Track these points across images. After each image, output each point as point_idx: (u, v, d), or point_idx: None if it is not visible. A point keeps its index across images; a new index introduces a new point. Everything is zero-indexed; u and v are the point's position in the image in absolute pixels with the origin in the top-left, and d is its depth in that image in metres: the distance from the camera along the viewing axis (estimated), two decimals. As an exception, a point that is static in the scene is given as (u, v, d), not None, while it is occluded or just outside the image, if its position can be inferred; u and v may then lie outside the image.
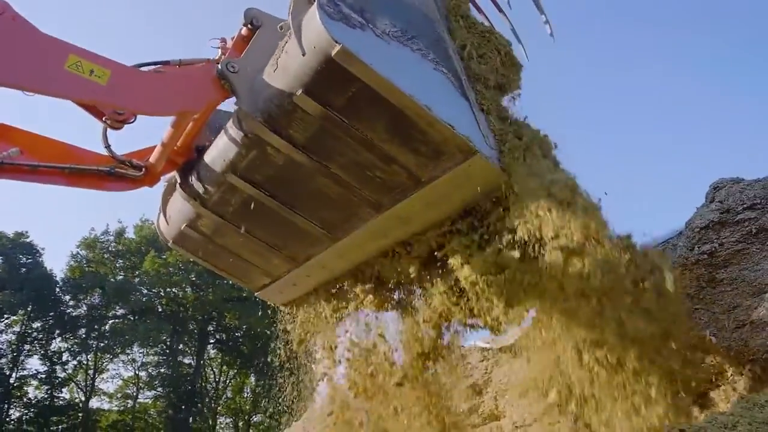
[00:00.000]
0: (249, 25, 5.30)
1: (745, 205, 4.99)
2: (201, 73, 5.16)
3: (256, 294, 7.42)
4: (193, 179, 5.84)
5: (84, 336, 42.79)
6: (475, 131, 4.54)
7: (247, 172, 5.41)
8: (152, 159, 5.62)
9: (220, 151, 5.48)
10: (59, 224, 71.27)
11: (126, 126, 5.21)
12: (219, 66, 4.97)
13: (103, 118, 5.07)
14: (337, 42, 3.94)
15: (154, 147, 5.67)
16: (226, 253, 6.70)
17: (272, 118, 4.82)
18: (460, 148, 4.42)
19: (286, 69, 4.51)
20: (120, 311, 43.29)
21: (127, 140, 5.68)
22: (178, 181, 5.98)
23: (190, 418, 39.20)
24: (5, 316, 40.38)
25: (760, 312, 4.48)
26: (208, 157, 5.57)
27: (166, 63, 5.23)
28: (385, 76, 4.13)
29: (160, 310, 41.34)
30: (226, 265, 7.03)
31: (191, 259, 7.41)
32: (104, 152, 5.48)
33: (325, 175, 5.06)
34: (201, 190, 5.84)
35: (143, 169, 5.59)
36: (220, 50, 5.49)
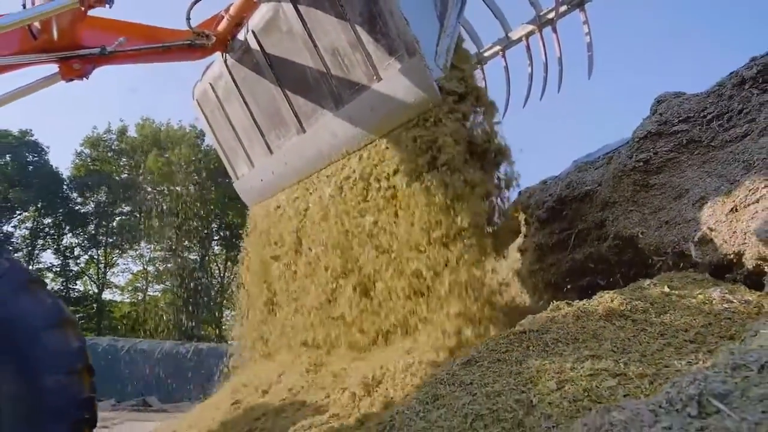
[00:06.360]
0: None
1: (680, 118, 5.46)
2: None
3: (234, 185, 8.33)
4: (229, 41, 6.74)
5: (93, 232, 44.30)
6: (431, 45, 4.97)
7: (262, 34, 6.26)
8: (220, 28, 6.42)
9: (253, 15, 6.30)
10: (59, 123, 71.10)
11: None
12: None
13: None
14: None
15: (217, 16, 6.44)
16: (228, 127, 7.63)
17: None
18: (407, 46, 4.85)
19: None
20: (126, 208, 44.55)
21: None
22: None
23: (198, 311, 41.28)
24: (17, 212, 41.72)
25: (674, 213, 5.10)
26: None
27: None
28: None
29: (164, 207, 42.40)
30: (225, 138, 7.95)
31: (205, 124, 8.28)
32: (178, 28, 6.17)
33: (311, 54, 5.74)
34: (229, 49, 6.76)
35: (214, 39, 6.38)
36: None
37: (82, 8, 4.49)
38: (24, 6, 4.59)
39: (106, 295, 45.54)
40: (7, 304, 3.17)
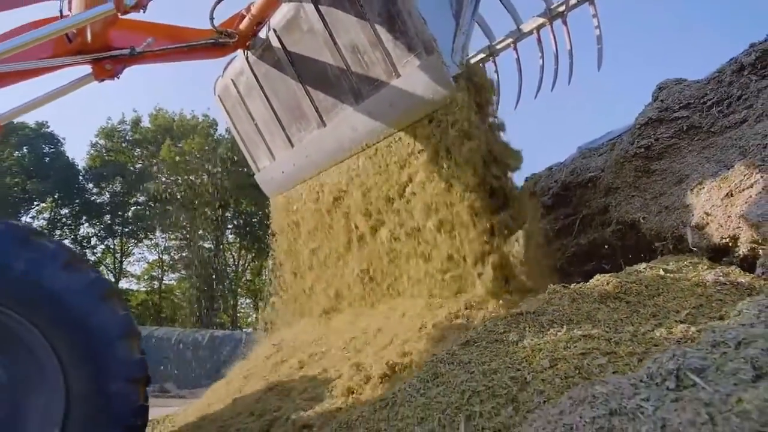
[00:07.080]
0: None
1: (681, 104, 5.57)
2: None
3: (255, 177, 8.54)
4: (251, 39, 7.00)
5: (109, 222, 44.91)
6: (447, 43, 5.18)
7: (283, 32, 6.50)
8: (242, 27, 6.68)
9: (275, 14, 6.54)
10: (74, 114, 71.71)
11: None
12: None
13: None
14: None
15: (238, 15, 6.67)
16: (249, 121, 7.90)
17: None
18: (425, 45, 5.08)
19: None
20: (141, 198, 45.04)
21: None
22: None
23: (213, 299, 41.72)
24: (35, 203, 42.42)
25: (674, 198, 5.21)
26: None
27: None
28: None
29: (179, 197, 42.73)
30: (246, 132, 8.21)
31: (227, 118, 8.52)
32: (200, 27, 6.40)
33: (332, 52, 5.97)
34: (251, 46, 7.03)
35: (236, 37, 6.62)
36: None
37: (118, 14, 4.72)
38: (61, 12, 4.87)
39: (123, 284, 46.26)
40: (90, 313, 3.48)
